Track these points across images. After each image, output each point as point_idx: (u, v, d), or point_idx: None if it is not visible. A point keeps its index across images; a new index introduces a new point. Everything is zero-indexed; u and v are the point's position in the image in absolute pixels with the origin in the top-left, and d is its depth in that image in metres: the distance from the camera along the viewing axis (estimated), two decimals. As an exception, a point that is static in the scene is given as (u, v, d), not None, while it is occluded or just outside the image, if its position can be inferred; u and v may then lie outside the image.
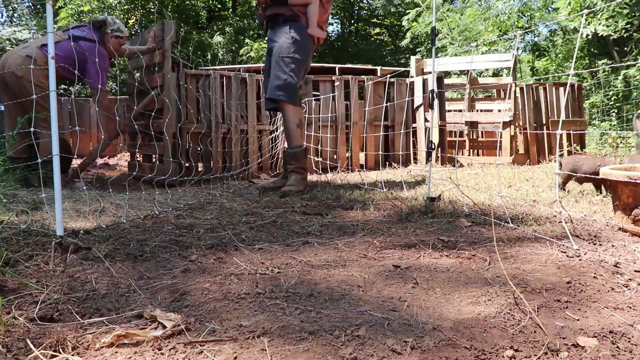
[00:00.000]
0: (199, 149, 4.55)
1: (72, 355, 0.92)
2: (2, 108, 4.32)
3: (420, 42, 13.35)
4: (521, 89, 6.01)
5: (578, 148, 5.83)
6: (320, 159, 5.12)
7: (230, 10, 18.14)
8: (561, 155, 5.74)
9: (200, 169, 4.54)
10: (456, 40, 11.70)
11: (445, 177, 3.74)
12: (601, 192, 2.79)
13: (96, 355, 0.93)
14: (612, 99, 9.77)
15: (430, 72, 5.59)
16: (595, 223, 2.07)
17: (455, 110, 6.80)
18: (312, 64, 4.32)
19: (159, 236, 1.90)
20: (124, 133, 4.30)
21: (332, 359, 0.90)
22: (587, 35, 9.26)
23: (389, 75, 4.67)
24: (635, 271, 1.40)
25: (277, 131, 5.10)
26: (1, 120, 4.65)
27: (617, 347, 0.94)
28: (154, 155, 4.47)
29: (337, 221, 2.23)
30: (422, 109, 5.45)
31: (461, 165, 5.40)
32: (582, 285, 1.28)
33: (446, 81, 7.10)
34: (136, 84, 4.32)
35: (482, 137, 7.10)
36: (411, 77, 5.70)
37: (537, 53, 12.78)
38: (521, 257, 1.56)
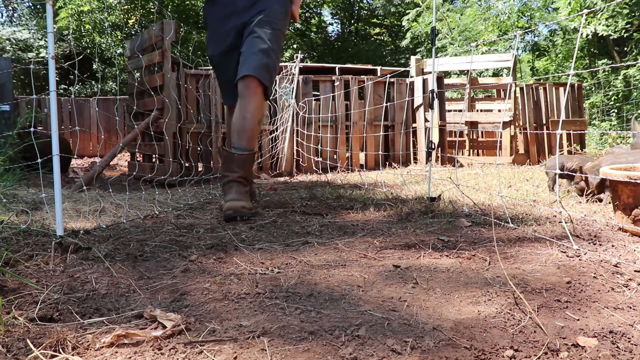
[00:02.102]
0: (199, 149, 4.55)
1: (72, 355, 0.92)
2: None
3: (420, 42, 13.35)
4: (521, 89, 6.01)
5: (578, 148, 5.84)
6: (320, 159, 5.12)
7: (230, 10, 18.10)
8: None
9: (200, 169, 4.54)
10: (456, 40, 11.70)
11: (445, 177, 3.74)
12: None
13: (96, 355, 0.93)
14: (612, 99, 9.78)
15: (430, 72, 5.59)
16: (595, 223, 2.07)
17: (455, 110, 6.81)
18: (312, 64, 4.31)
19: (159, 236, 1.90)
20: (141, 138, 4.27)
21: (332, 359, 0.90)
22: (587, 35, 9.27)
23: (389, 75, 4.67)
24: (635, 271, 1.40)
25: (277, 131, 5.10)
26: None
27: (617, 347, 0.94)
28: (154, 155, 4.47)
29: (337, 221, 2.23)
30: (422, 109, 5.45)
31: (461, 165, 5.40)
32: (582, 285, 1.28)
33: (446, 81, 7.10)
34: (136, 84, 4.32)
35: (482, 137, 7.10)
36: (411, 77, 5.70)
37: (537, 53, 12.79)
38: (521, 257, 1.56)
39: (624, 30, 9.07)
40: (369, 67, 6.31)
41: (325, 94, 5.25)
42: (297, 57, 5.29)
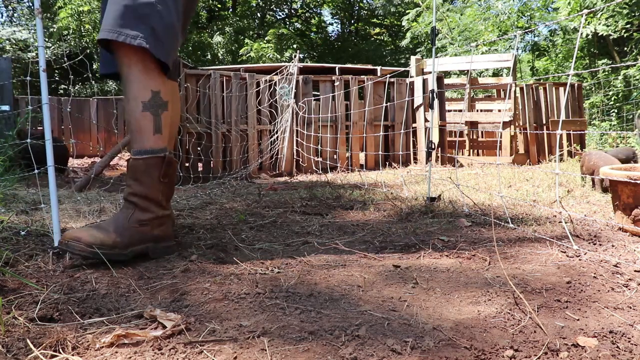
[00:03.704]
0: (199, 148, 4.55)
1: (72, 355, 0.92)
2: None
3: (420, 42, 13.35)
4: (521, 89, 6.01)
5: (578, 148, 5.84)
6: (320, 159, 5.12)
7: (230, 10, 18.15)
8: (561, 157, 5.74)
9: (200, 168, 4.55)
10: (456, 40, 11.70)
11: (445, 177, 3.74)
12: None
13: (96, 355, 0.93)
14: (612, 99, 9.78)
15: (430, 72, 5.59)
16: (595, 223, 2.07)
17: (455, 110, 6.81)
18: (312, 64, 4.32)
19: (159, 236, 1.89)
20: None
21: (332, 359, 0.90)
22: (587, 35, 9.27)
23: (389, 75, 4.67)
24: (635, 271, 1.40)
25: (277, 131, 5.10)
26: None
27: (617, 347, 0.94)
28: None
29: (337, 221, 2.23)
30: (422, 108, 5.45)
31: (461, 165, 5.40)
32: (582, 285, 1.28)
33: (446, 81, 7.10)
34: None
35: (482, 137, 7.10)
36: (411, 77, 5.70)
37: (537, 53, 12.79)
38: (521, 257, 1.56)
39: (624, 30, 9.07)
40: (369, 67, 6.31)
41: (325, 94, 5.25)
42: (295, 56, 5.29)
